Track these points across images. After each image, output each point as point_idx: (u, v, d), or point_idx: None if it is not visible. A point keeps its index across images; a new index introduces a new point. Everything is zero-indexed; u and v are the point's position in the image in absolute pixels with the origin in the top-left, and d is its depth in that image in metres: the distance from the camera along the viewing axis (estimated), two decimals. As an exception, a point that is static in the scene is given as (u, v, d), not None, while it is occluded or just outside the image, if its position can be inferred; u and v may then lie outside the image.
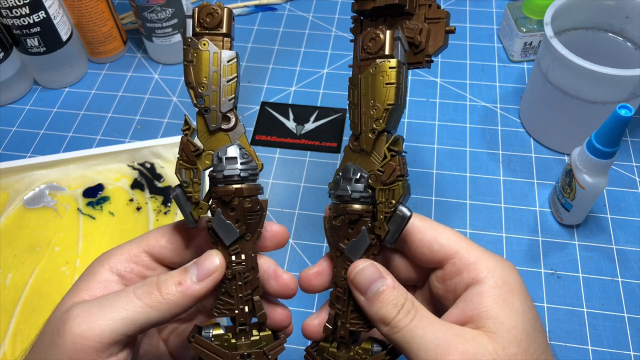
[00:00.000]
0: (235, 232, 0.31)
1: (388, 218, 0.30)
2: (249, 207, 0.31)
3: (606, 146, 0.47)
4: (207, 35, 0.31)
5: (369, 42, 0.32)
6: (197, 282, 0.30)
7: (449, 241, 0.31)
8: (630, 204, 0.57)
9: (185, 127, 0.32)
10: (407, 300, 0.29)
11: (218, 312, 0.32)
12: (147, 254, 0.32)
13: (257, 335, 0.32)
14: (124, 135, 0.66)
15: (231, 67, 0.32)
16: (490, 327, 0.28)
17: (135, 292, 0.29)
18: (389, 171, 0.31)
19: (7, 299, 0.50)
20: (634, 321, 0.50)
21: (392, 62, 0.31)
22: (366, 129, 0.32)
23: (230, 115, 0.32)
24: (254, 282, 0.32)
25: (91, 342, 0.27)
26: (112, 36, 0.72)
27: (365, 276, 0.30)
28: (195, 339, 0.31)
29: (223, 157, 0.31)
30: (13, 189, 0.57)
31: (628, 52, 0.59)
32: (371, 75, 0.31)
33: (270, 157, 0.63)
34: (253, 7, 0.80)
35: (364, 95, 0.32)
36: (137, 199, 0.56)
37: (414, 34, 0.33)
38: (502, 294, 0.29)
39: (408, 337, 0.28)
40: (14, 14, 0.62)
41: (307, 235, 0.57)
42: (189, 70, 0.31)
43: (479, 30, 0.76)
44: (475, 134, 0.64)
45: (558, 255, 0.54)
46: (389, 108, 0.31)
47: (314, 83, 0.70)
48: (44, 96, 0.71)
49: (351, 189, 0.31)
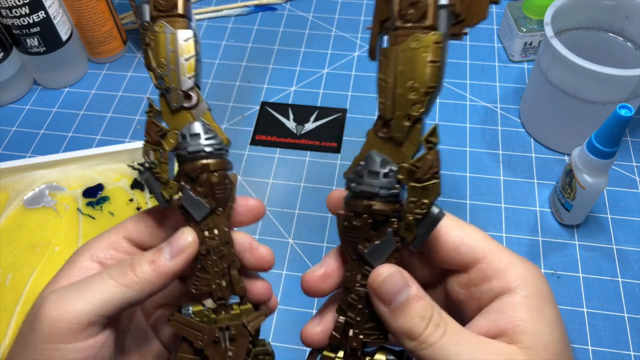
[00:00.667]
0: (205, 207, 0.31)
1: (419, 220, 0.27)
2: (217, 182, 0.31)
3: (606, 146, 0.47)
4: (163, 18, 0.32)
5: (407, 6, 0.27)
6: (170, 259, 0.30)
7: (476, 243, 0.28)
8: (630, 204, 0.57)
9: (149, 109, 0.32)
10: (434, 312, 0.26)
11: (196, 288, 0.32)
12: (126, 239, 0.32)
13: (237, 310, 0.32)
14: (124, 135, 0.66)
15: (188, 46, 0.32)
16: (527, 343, 0.26)
17: (110, 274, 0.29)
18: (426, 167, 0.27)
19: (7, 299, 0.50)
20: (634, 321, 0.50)
21: (437, 35, 0.26)
22: (401, 114, 0.27)
23: (192, 94, 0.32)
24: (229, 256, 0.32)
25: (67, 324, 0.27)
26: (112, 36, 0.72)
27: (391, 285, 0.27)
28: (174, 317, 0.31)
29: (187, 134, 0.31)
30: (13, 189, 0.57)
31: (628, 52, 0.59)
32: (411, 49, 0.26)
33: (270, 157, 0.63)
34: (253, 7, 0.80)
35: (401, 73, 0.27)
36: (137, 199, 0.56)
37: (455, 1, 0.28)
38: (536, 306, 0.27)
39: (439, 355, 0.25)
40: (13, 14, 0.62)
41: (307, 235, 0.57)
42: (147, 54, 0.32)
43: (479, 30, 0.76)
44: (475, 134, 0.64)
45: (558, 255, 0.54)
46: (430, 91, 0.26)
47: (314, 83, 0.70)
48: (44, 96, 0.71)
49: (379, 185, 0.27)
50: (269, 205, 0.59)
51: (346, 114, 0.67)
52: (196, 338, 0.31)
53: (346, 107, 0.67)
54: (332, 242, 0.56)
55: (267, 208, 0.59)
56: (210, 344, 0.31)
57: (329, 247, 0.56)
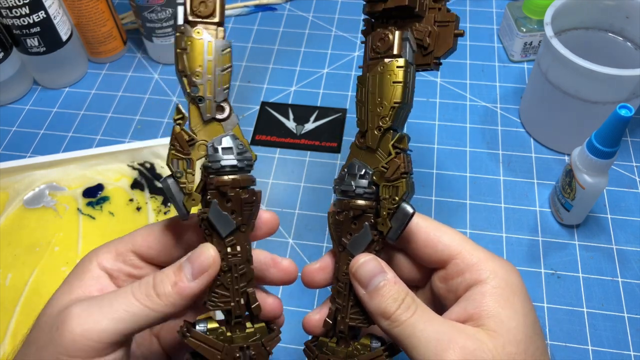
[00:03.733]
0: (231, 223, 0.31)
1: (391, 215, 0.31)
2: (246, 198, 0.31)
3: (606, 146, 0.47)
4: (199, 24, 0.31)
5: (377, 41, 0.32)
6: (192, 279, 0.29)
7: (452, 242, 0.31)
8: (630, 204, 0.57)
9: (179, 115, 0.31)
10: (407, 296, 0.29)
11: (213, 305, 0.31)
12: (134, 253, 0.32)
13: (251, 328, 0.32)
14: (124, 135, 0.66)
15: (225, 57, 0.31)
16: (491, 326, 0.28)
17: (134, 293, 0.29)
18: (393, 168, 0.31)
19: (7, 299, 0.50)
20: (634, 321, 0.50)
21: (400, 61, 0.31)
22: (372, 126, 0.32)
23: (224, 105, 0.31)
24: (248, 274, 0.32)
25: (91, 341, 0.27)
26: (112, 36, 0.72)
27: (367, 270, 0.30)
28: (192, 334, 0.30)
29: (219, 147, 0.31)
30: (13, 189, 0.57)
31: (628, 52, 0.59)
32: (379, 73, 0.32)
33: (270, 157, 0.63)
34: (253, 7, 0.80)
35: (371, 93, 0.32)
36: (137, 199, 0.56)
37: (423, 36, 0.33)
38: (504, 295, 0.29)
39: (408, 331, 0.28)
40: (14, 14, 0.62)
41: (307, 235, 0.57)
42: (181, 58, 0.30)
43: (479, 30, 0.76)
44: (475, 134, 0.64)
45: (558, 255, 0.54)
46: (395, 106, 0.31)
47: (314, 83, 0.70)
48: (44, 96, 0.71)
49: (355, 185, 0.32)
50: (269, 205, 0.59)
51: (346, 114, 0.67)
52: (214, 357, 0.30)
53: (346, 107, 0.67)
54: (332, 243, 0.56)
55: (267, 208, 0.59)
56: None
57: (329, 247, 0.56)
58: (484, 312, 0.28)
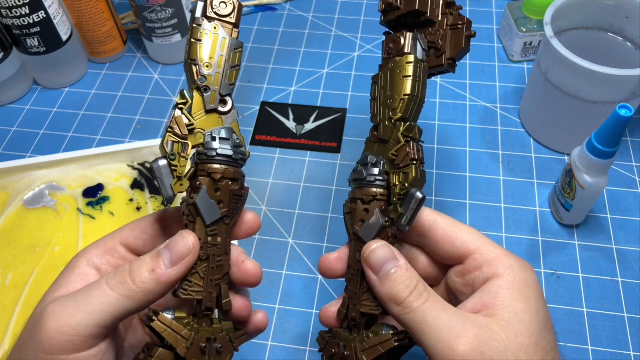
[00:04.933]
0: (217, 212, 0.31)
1: (401, 200, 0.31)
2: (235, 190, 0.31)
3: (606, 146, 0.47)
4: (217, 21, 0.32)
5: (390, 43, 0.35)
6: (170, 266, 0.29)
7: (470, 238, 0.32)
8: (630, 204, 0.57)
9: (182, 100, 0.32)
10: (419, 283, 0.30)
11: (185, 293, 0.30)
12: (123, 245, 0.32)
13: (218, 324, 0.32)
14: (124, 135, 0.66)
15: (237, 55, 0.33)
16: (505, 317, 0.28)
17: (109, 283, 0.28)
18: (403, 155, 0.32)
19: (7, 299, 0.50)
20: (634, 321, 0.50)
21: (409, 57, 0.33)
22: (384, 119, 0.34)
23: (228, 100, 0.33)
24: (225, 267, 0.32)
25: (67, 336, 0.27)
26: (112, 36, 0.72)
27: (379, 255, 0.31)
28: (159, 317, 0.29)
29: (217, 137, 0.31)
30: (13, 189, 0.57)
31: (628, 52, 0.59)
32: (390, 70, 0.34)
33: (270, 157, 0.63)
34: (253, 7, 0.80)
35: (383, 89, 0.34)
36: (137, 199, 0.56)
37: (435, 39, 0.35)
38: (519, 289, 0.29)
39: (420, 318, 0.28)
40: (14, 14, 0.62)
41: (307, 235, 0.57)
42: (195, 48, 0.32)
43: (479, 30, 0.76)
44: (475, 134, 0.64)
45: (558, 255, 0.54)
46: (405, 98, 0.33)
47: (314, 83, 0.70)
48: (44, 96, 0.71)
49: (367, 173, 0.33)
50: (269, 205, 0.59)
51: (346, 114, 0.67)
52: (180, 344, 0.29)
53: (346, 107, 0.67)
54: (332, 242, 0.56)
55: (267, 208, 0.59)
56: (196, 353, 0.30)
57: (329, 247, 0.56)
58: (499, 303, 0.29)
